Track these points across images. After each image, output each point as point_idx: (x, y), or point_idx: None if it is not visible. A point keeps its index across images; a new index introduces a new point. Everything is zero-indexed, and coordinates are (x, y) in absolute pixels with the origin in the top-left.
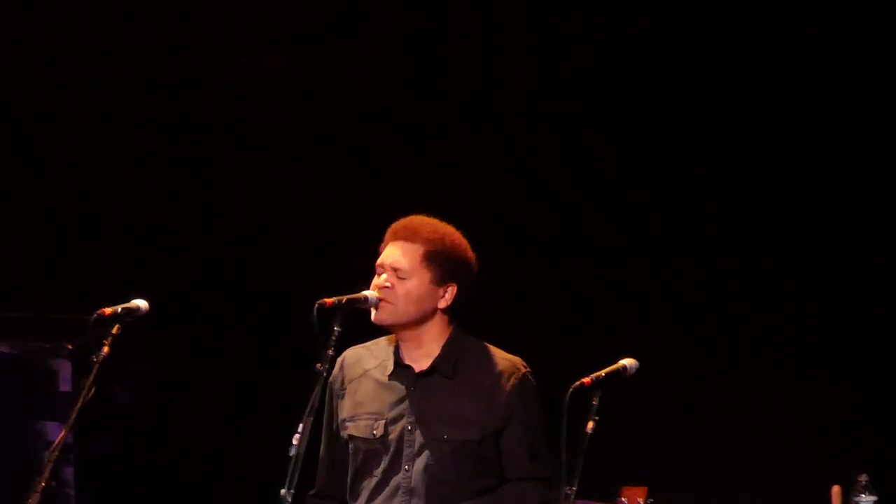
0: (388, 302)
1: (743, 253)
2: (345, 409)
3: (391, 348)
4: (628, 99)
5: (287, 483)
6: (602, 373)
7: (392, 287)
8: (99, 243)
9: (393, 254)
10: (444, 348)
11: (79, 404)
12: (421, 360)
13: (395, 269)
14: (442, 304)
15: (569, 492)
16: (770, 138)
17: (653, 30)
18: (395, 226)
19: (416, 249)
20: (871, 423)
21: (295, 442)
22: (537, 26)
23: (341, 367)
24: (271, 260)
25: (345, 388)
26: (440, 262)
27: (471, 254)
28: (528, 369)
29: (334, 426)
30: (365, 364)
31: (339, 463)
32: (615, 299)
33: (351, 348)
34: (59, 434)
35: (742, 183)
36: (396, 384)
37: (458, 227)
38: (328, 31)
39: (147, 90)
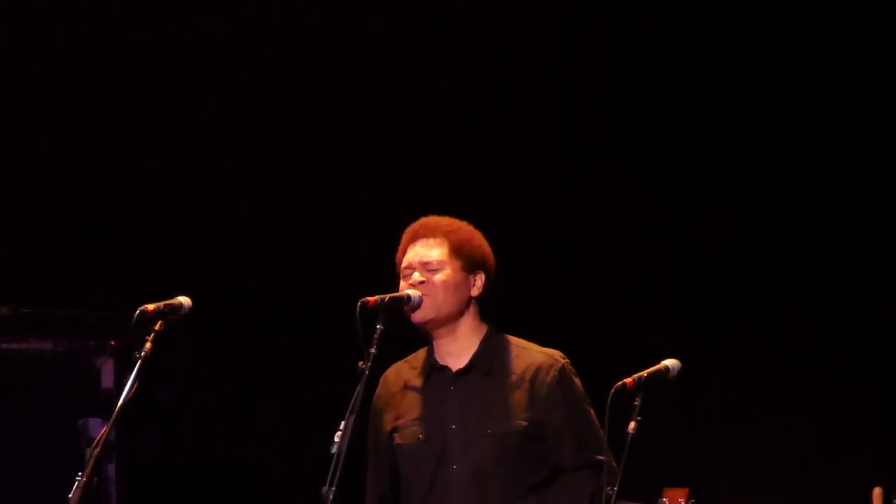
0: (427, 296)
1: (800, 253)
2: (389, 423)
3: (427, 355)
4: (628, 99)
5: (329, 481)
6: (644, 373)
7: (428, 281)
8: (142, 240)
9: (419, 252)
10: (480, 345)
11: (121, 401)
12: (457, 358)
13: (426, 264)
14: (474, 293)
15: (610, 492)
16: (770, 138)
17: (654, 30)
18: (412, 228)
19: (441, 243)
20: None
21: (336, 440)
22: (537, 28)
23: (384, 385)
24: (310, 260)
25: (388, 404)
26: (466, 252)
27: (487, 244)
28: (567, 360)
29: (380, 448)
30: (404, 376)
31: (387, 485)
32: (659, 299)
33: (392, 365)
34: (101, 431)
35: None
36: (436, 387)
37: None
38: (328, 29)
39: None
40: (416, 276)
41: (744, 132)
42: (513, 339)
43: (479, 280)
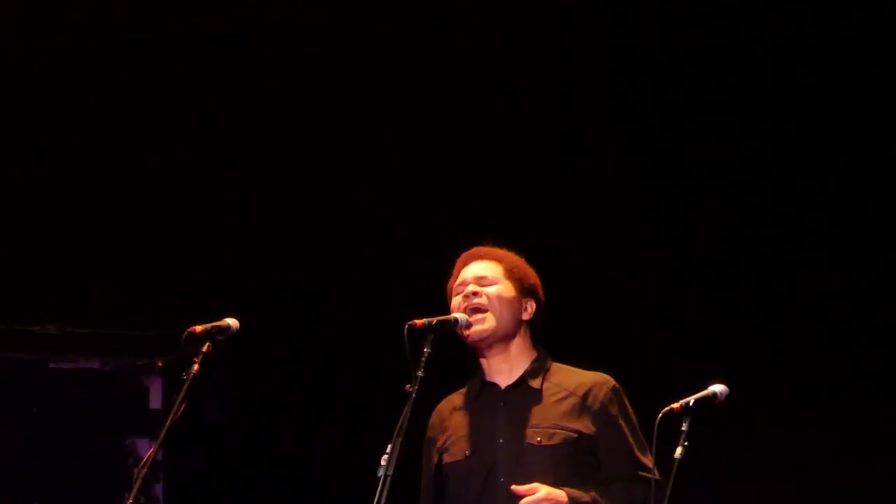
0: (482, 310)
1: (800, 253)
2: (440, 446)
3: (477, 379)
4: (628, 99)
5: (375, 503)
6: (691, 399)
7: (483, 294)
8: (190, 261)
9: (474, 269)
10: (531, 364)
11: (169, 421)
12: (507, 375)
13: (480, 278)
14: (525, 317)
15: None
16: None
17: (654, 30)
18: (466, 253)
19: (496, 264)
20: None
21: (383, 462)
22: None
23: (437, 415)
24: (357, 277)
25: (440, 431)
26: (519, 276)
27: (537, 276)
28: (619, 385)
29: (430, 478)
30: (455, 402)
31: None
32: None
33: (445, 398)
34: (149, 451)
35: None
36: (485, 403)
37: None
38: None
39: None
40: (472, 287)
41: (744, 132)
42: (562, 365)
43: (531, 306)
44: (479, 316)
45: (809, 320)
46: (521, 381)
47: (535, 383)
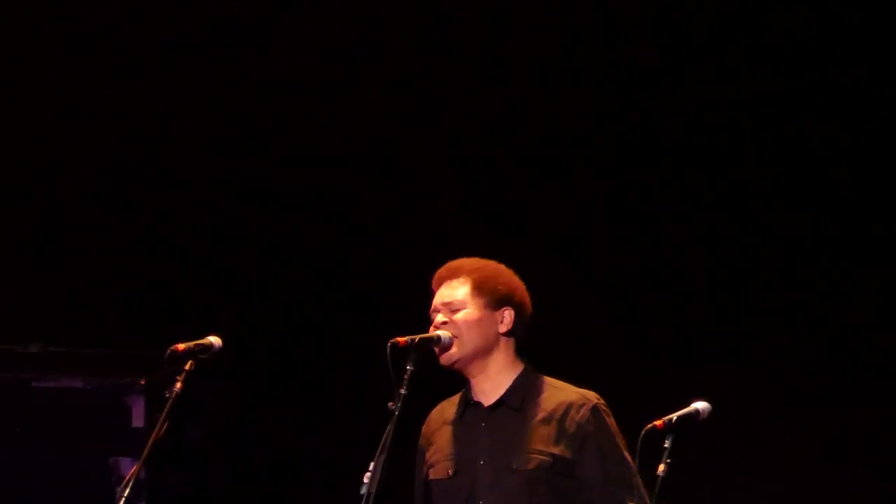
0: (452, 336)
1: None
2: (428, 460)
3: (465, 392)
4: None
5: None
6: (674, 416)
7: (450, 321)
8: (172, 280)
9: (442, 294)
10: (513, 382)
11: (152, 440)
12: (490, 394)
13: (448, 304)
14: (502, 329)
15: None
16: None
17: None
18: (438, 273)
19: (463, 282)
20: None
21: (366, 480)
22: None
23: (427, 424)
24: (338, 296)
25: (430, 442)
26: (489, 289)
27: (518, 279)
28: (601, 401)
29: (421, 487)
30: (446, 414)
31: None
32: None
33: (438, 405)
34: (131, 469)
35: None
36: (468, 423)
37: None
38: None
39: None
40: (440, 317)
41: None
42: (548, 379)
43: (507, 316)
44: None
45: (791, 335)
46: (501, 403)
47: (515, 404)
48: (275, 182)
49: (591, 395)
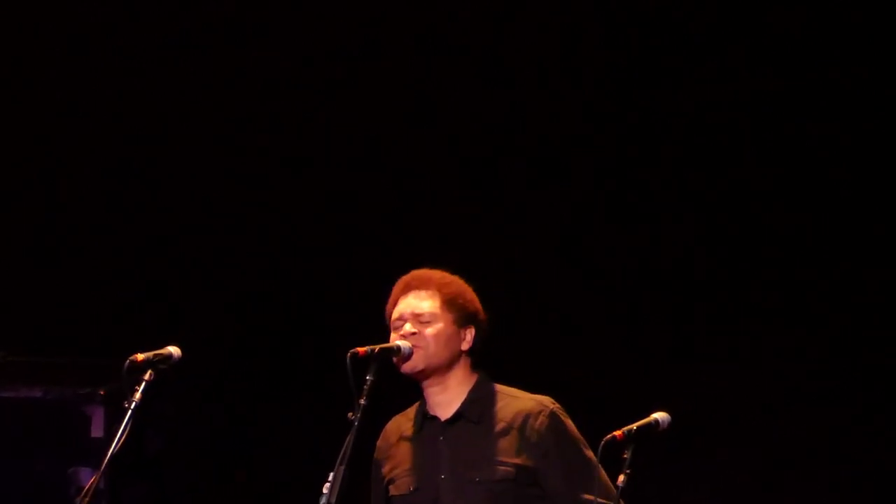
0: (419, 347)
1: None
2: (386, 475)
3: (420, 406)
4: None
5: None
6: (634, 426)
7: (419, 333)
8: (133, 288)
9: (411, 303)
10: (469, 394)
11: (111, 450)
12: (446, 408)
13: (418, 315)
14: (465, 347)
15: None
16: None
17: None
18: (403, 280)
19: (433, 295)
20: None
21: (325, 490)
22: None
23: (384, 438)
24: (338, 296)
25: (386, 456)
26: (458, 306)
27: (478, 300)
28: (558, 405)
29: (379, 501)
30: (402, 428)
31: None
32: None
33: (393, 418)
34: (90, 479)
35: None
36: (427, 437)
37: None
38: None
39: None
40: (408, 327)
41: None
42: (502, 388)
43: (470, 335)
44: (416, 350)
45: (791, 335)
46: (459, 416)
47: (473, 417)
48: (275, 182)
49: (547, 401)
